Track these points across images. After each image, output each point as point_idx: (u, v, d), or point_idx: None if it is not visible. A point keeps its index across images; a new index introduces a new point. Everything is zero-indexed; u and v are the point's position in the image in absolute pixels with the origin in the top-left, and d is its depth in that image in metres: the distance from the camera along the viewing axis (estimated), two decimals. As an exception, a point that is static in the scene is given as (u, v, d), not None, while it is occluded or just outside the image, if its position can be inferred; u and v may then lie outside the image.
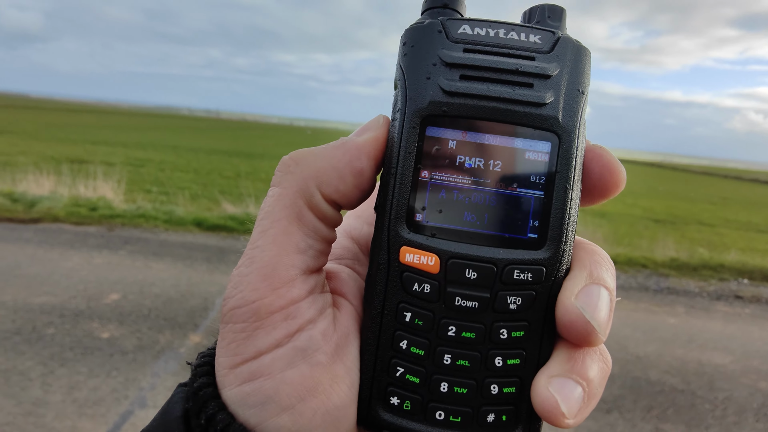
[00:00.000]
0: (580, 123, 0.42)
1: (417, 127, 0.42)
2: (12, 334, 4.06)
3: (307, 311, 0.41)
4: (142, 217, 7.95)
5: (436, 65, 0.42)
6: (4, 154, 15.80)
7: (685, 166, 77.03)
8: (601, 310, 0.39)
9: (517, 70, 0.41)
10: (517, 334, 0.41)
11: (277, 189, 0.42)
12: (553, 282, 0.41)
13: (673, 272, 7.55)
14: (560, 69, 0.42)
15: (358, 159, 0.43)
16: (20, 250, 6.03)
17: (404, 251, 0.42)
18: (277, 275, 0.40)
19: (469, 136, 0.42)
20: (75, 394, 3.37)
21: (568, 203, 0.41)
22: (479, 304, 0.41)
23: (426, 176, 0.42)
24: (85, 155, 17.31)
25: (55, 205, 8.06)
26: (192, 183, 13.42)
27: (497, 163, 0.42)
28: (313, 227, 0.42)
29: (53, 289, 4.97)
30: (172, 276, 5.60)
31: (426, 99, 0.42)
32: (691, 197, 24.66)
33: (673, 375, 4.39)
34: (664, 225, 13.51)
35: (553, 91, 0.41)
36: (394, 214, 0.42)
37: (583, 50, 0.44)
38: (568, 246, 0.42)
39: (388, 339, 0.42)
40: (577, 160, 0.42)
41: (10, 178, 9.71)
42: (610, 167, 0.43)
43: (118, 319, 4.49)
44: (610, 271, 0.42)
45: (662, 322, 5.62)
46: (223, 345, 0.40)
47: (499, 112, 0.41)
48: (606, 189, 0.43)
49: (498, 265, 0.41)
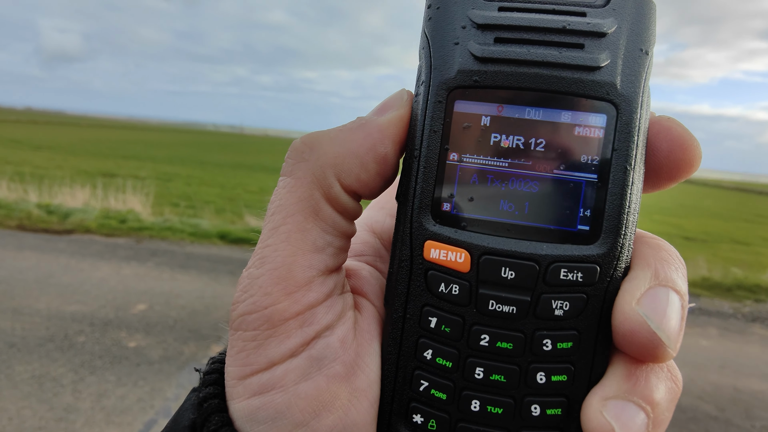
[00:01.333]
0: (644, 90, 0.35)
1: (443, 102, 0.36)
2: (46, 341, 4.21)
3: (324, 316, 0.36)
4: (169, 230, 8.18)
5: (465, 28, 0.36)
6: (42, 168, 16.59)
7: (716, 182, 74.47)
8: (671, 318, 0.32)
9: (564, 29, 0.35)
10: (564, 345, 0.35)
11: (290, 179, 0.37)
12: (609, 283, 0.34)
13: (705, 292, 7.25)
14: (618, 25, 0.35)
15: (381, 143, 0.37)
16: (54, 259, 6.29)
17: (429, 246, 0.36)
18: (292, 278, 0.35)
19: (506, 110, 0.35)
20: (103, 402, 3.46)
21: (628, 188, 0.34)
22: (518, 309, 0.34)
23: (455, 159, 0.36)
24: (116, 169, 18.02)
25: (87, 217, 8.39)
26: (217, 197, 13.75)
27: (540, 141, 0.35)
28: (331, 222, 0.37)
29: (84, 298, 5.14)
30: (197, 288, 5.72)
31: (453, 68, 0.35)
32: (723, 214, 23.76)
33: (706, 401, 4.19)
34: (696, 243, 13.04)
35: (609, 52, 0.34)
36: (418, 204, 0.36)
37: (647, 2, 0.36)
38: (628, 240, 0.35)
39: (410, 347, 0.37)
40: (640, 135, 0.35)
41: (47, 191, 10.18)
42: (681, 142, 0.35)
43: (144, 329, 4.60)
44: (680, 270, 0.35)
45: (694, 344, 5.39)
46: (233, 354, 0.36)
47: (543, 79, 0.34)
48: (676, 169, 0.36)
49: (541, 262, 0.34)
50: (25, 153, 22.46)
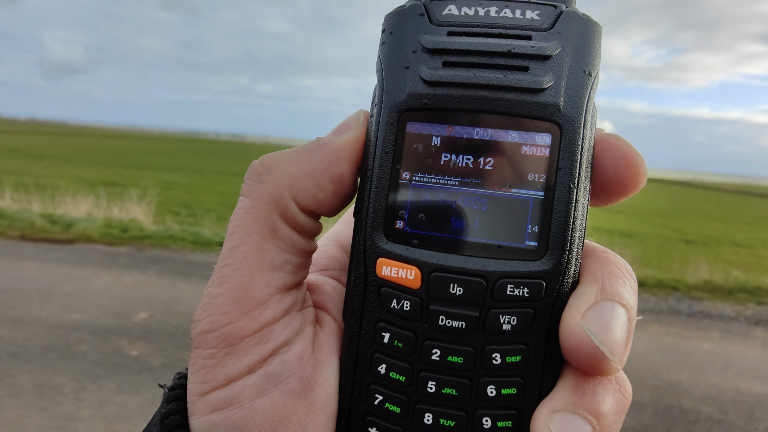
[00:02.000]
0: (587, 109, 0.36)
1: (395, 123, 0.37)
2: (47, 350, 4.22)
3: (281, 333, 0.37)
4: (170, 238, 8.21)
5: (416, 52, 0.37)
6: (44, 177, 16.68)
7: (717, 185, 74.33)
8: (615, 332, 0.33)
9: (509, 52, 0.36)
10: (513, 359, 0.35)
11: (248, 200, 0.38)
12: (556, 298, 0.35)
13: (706, 295, 7.23)
14: (562, 48, 0.36)
15: (337, 164, 0.38)
16: (56, 269, 6.31)
17: (381, 263, 0.37)
18: (249, 296, 0.36)
19: (455, 130, 0.37)
20: (104, 410, 3.46)
21: (572, 205, 0.35)
22: (467, 324, 0.35)
23: (406, 178, 0.37)
24: (118, 178, 18.10)
25: (90, 227, 8.43)
26: (217, 205, 13.79)
27: (488, 160, 0.36)
28: (289, 240, 0.38)
29: (85, 307, 5.16)
30: (198, 295, 5.70)
31: (404, 91, 0.37)
32: (724, 217, 23.71)
33: (708, 404, 4.17)
34: (697, 246, 13.01)
35: (553, 74, 0.36)
36: (371, 222, 0.37)
37: (591, 24, 0.37)
38: (574, 255, 0.36)
39: (366, 362, 0.38)
40: (584, 153, 0.36)
41: (50, 200, 10.23)
42: (626, 159, 0.36)
43: (145, 337, 4.61)
44: (629, 284, 0.35)
45: (696, 347, 5.37)
46: (193, 371, 0.37)
47: (489, 101, 0.36)
48: (623, 185, 0.37)
49: (488, 278, 0.35)
50: (27, 163, 22.59)
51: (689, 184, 68.87)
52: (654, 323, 5.98)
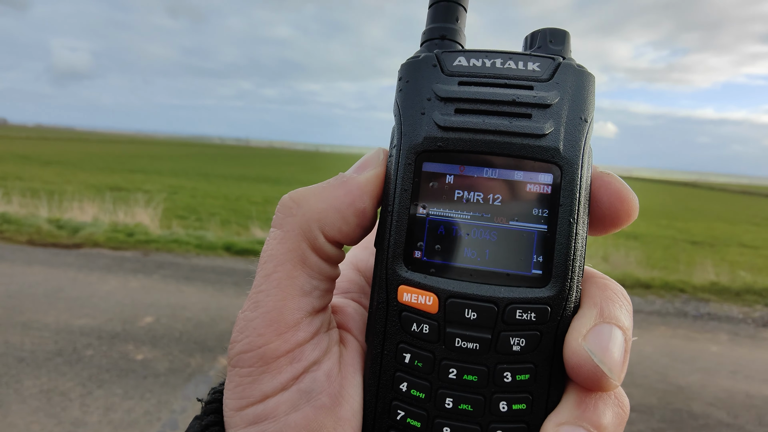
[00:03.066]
0: (584, 152, 0.40)
1: (412, 164, 0.41)
2: (54, 355, 4.25)
3: (312, 353, 0.41)
4: (175, 242, 8.25)
5: (431, 100, 0.41)
6: (52, 183, 16.83)
7: (723, 185, 73.72)
8: (613, 352, 0.36)
9: (513, 101, 0.40)
10: (522, 377, 0.39)
11: (279, 231, 0.42)
12: (560, 321, 0.39)
13: (713, 297, 7.17)
14: (560, 97, 0.40)
15: (360, 199, 0.42)
16: (63, 273, 6.35)
17: (402, 290, 0.40)
18: (282, 320, 0.40)
19: (467, 170, 0.41)
20: (111, 416, 3.47)
21: (572, 238, 0.39)
22: (480, 345, 0.39)
23: (423, 213, 0.41)
24: (124, 183, 18.23)
25: (96, 231, 8.49)
26: (222, 209, 13.86)
27: (497, 197, 0.40)
28: (317, 268, 0.42)
29: (92, 312, 5.19)
30: (203, 300, 5.76)
31: (421, 135, 0.41)
32: (730, 218, 23.52)
33: (718, 407, 4.13)
34: (703, 247, 12.91)
35: (553, 121, 0.40)
36: (392, 253, 0.41)
37: (586, 75, 0.42)
38: (575, 282, 0.39)
39: (388, 380, 0.41)
40: (582, 191, 0.40)
41: (56, 206, 10.32)
42: (620, 195, 0.40)
43: (151, 341, 4.63)
44: (624, 307, 0.39)
45: (704, 350, 5.32)
46: (230, 387, 0.40)
47: (497, 145, 0.40)
48: (617, 218, 0.41)
49: (499, 304, 0.39)
50: (35, 169, 22.81)
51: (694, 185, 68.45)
52: (661, 325, 5.93)
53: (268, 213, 12.07)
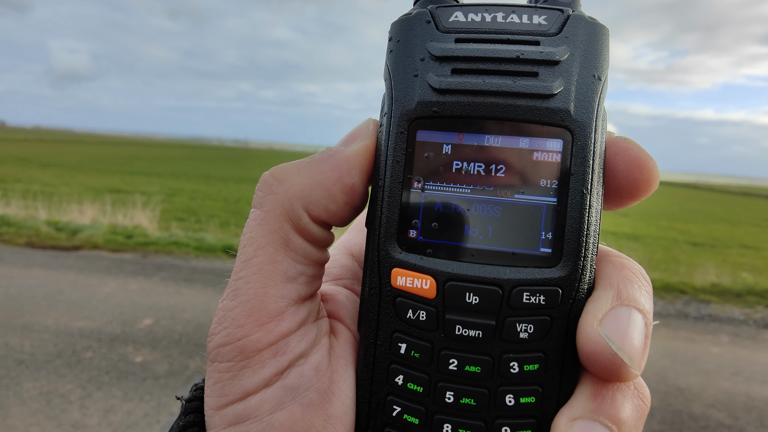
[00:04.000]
0: (598, 114, 0.36)
1: (405, 132, 0.37)
2: (54, 357, 4.23)
3: (297, 345, 0.37)
4: (174, 244, 8.23)
5: (424, 60, 0.37)
6: (51, 185, 16.81)
7: (723, 187, 73.76)
8: (633, 338, 0.32)
9: (517, 58, 0.36)
10: (531, 367, 0.35)
11: (260, 212, 0.38)
12: (572, 305, 0.35)
13: (714, 298, 7.16)
14: (570, 52, 0.36)
15: (348, 174, 0.38)
16: (63, 276, 6.34)
17: (396, 273, 0.37)
18: (264, 309, 0.36)
19: (466, 138, 0.37)
20: (110, 418, 3.46)
21: (585, 211, 0.35)
22: (484, 333, 0.35)
23: (418, 187, 0.37)
24: (123, 185, 18.23)
25: (95, 233, 8.48)
26: (221, 211, 13.84)
27: (500, 167, 0.36)
28: (302, 251, 0.38)
29: (92, 314, 5.17)
30: (202, 302, 5.74)
31: (414, 99, 0.37)
32: (731, 219, 23.52)
33: (719, 409, 4.11)
34: (704, 248, 12.91)
35: (562, 79, 0.36)
36: (384, 232, 0.37)
37: (599, 28, 0.37)
38: (589, 261, 0.35)
39: (383, 373, 0.38)
40: (596, 158, 0.36)
41: (56, 208, 10.31)
42: (638, 162, 0.36)
43: (151, 344, 4.62)
44: (644, 288, 0.35)
45: (705, 351, 5.31)
46: (210, 384, 0.37)
47: (499, 108, 0.36)
48: (635, 188, 0.37)
49: (504, 286, 0.35)
50: (34, 171, 22.80)
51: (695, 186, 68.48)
52: (662, 327, 5.92)
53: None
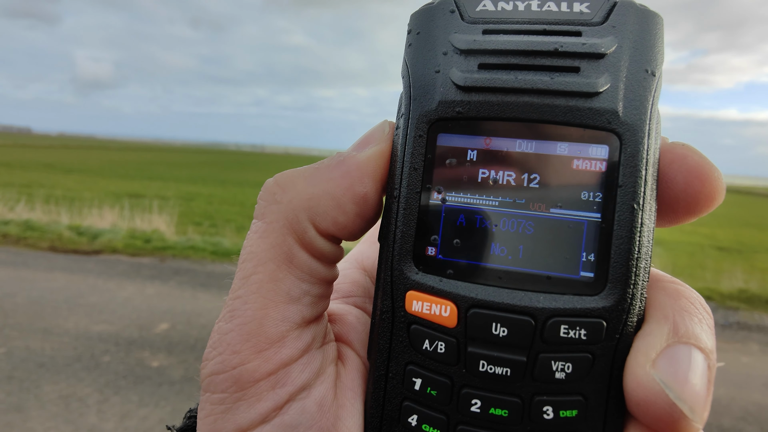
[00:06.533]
0: (652, 116, 0.31)
1: (424, 136, 0.33)
2: (73, 361, 4.29)
3: (300, 375, 0.33)
4: (191, 249, 8.33)
5: (447, 54, 0.33)
6: (73, 190, 17.26)
7: (749, 188, 71.60)
8: (694, 384, 0.27)
9: (556, 51, 0.31)
10: (568, 413, 0.30)
11: (261, 223, 0.34)
12: (619, 341, 0.30)
13: (743, 305, 6.89)
14: (618, 44, 0.31)
15: (360, 182, 0.34)
16: (83, 280, 6.46)
17: (411, 297, 0.32)
18: (263, 333, 0.32)
19: (494, 142, 0.32)
20: (126, 422, 3.48)
21: (636, 230, 0.30)
22: (512, 370, 0.30)
23: (438, 198, 0.33)
24: (142, 190, 18.60)
25: (115, 238, 8.64)
26: (238, 215, 13.99)
27: (534, 176, 0.31)
28: (307, 269, 0.34)
29: (110, 318, 5.25)
30: (218, 307, 5.77)
31: (435, 98, 0.32)
32: (758, 222, 22.76)
33: (750, 422, 3.93)
34: (730, 253, 12.49)
35: (609, 75, 0.31)
36: (398, 249, 0.32)
37: (651, 16, 0.32)
38: (639, 288, 0.30)
39: (394, 411, 0.33)
40: (649, 167, 0.30)
41: (77, 213, 10.56)
42: (699, 172, 0.31)
43: (167, 348, 4.65)
44: (705, 322, 0.30)
45: (734, 361, 5.09)
46: (202, 417, 0.33)
47: (533, 108, 0.31)
48: (695, 203, 0.31)
49: (537, 317, 0.30)
50: (57, 176, 23.48)
51: (718, 188, 66.36)
52: (687, 335, 5.73)
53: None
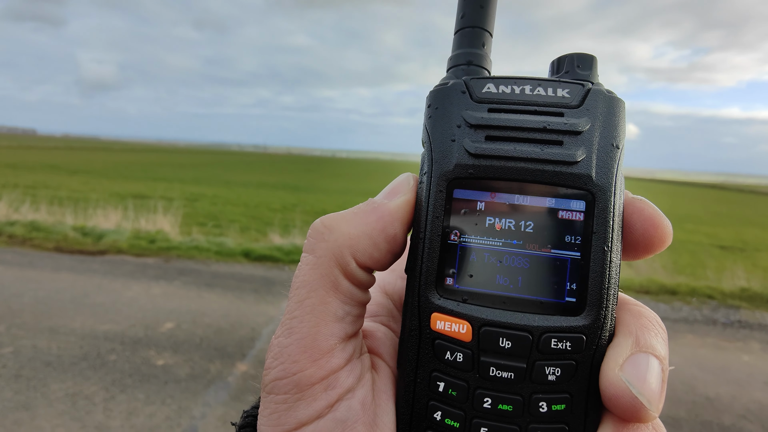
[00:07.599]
0: (617, 179, 0.40)
1: (444, 191, 0.41)
2: (80, 360, 4.36)
3: (346, 380, 0.40)
4: (195, 249, 8.40)
5: (460, 127, 0.42)
6: (78, 191, 17.38)
7: (751, 187, 71.11)
8: (651, 383, 0.36)
9: (544, 128, 0.40)
10: (558, 407, 0.38)
11: (312, 257, 0.42)
12: (596, 350, 0.38)
13: (744, 304, 6.89)
14: (591, 123, 0.40)
15: (391, 226, 0.42)
16: (89, 280, 6.53)
17: (435, 318, 0.40)
18: (317, 346, 0.40)
19: (498, 197, 0.41)
20: (133, 420, 3.54)
21: (607, 264, 0.39)
22: (515, 374, 0.38)
23: (455, 239, 0.41)
24: (147, 191, 18.70)
25: (120, 238, 8.72)
26: (242, 216, 14.06)
27: (529, 223, 0.40)
28: (349, 294, 0.42)
29: (116, 317, 5.31)
30: (222, 306, 5.83)
31: (452, 162, 0.41)
32: (761, 221, 22.63)
33: (751, 421, 3.95)
34: (732, 252, 12.46)
35: (584, 148, 0.40)
36: (424, 280, 0.41)
37: (616, 101, 0.42)
38: (610, 310, 0.39)
39: (422, 409, 0.41)
40: (615, 218, 0.40)
41: (82, 213, 10.65)
42: (653, 221, 0.40)
43: (172, 347, 4.71)
44: (660, 335, 0.39)
45: (735, 359, 5.10)
46: (265, 414, 0.40)
47: (528, 172, 0.40)
48: (650, 244, 0.41)
49: (534, 332, 0.38)
50: (62, 177, 23.62)
51: (722, 187, 66.19)
52: (688, 334, 5.73)
53: (287, 220, 12.19)
